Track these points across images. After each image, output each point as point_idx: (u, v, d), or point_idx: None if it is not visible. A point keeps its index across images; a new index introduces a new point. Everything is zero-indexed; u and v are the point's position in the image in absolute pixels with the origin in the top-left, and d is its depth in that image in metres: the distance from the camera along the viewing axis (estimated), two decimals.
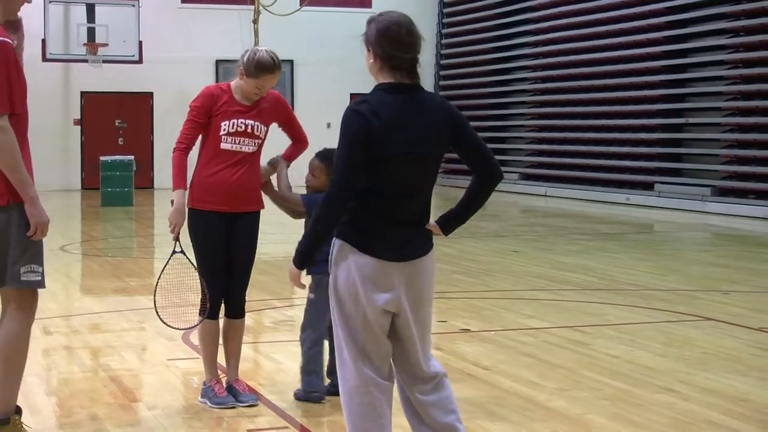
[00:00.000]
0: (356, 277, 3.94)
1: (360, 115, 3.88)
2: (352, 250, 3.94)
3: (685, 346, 7.46)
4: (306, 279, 4.75)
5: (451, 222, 4.14)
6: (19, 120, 4.76)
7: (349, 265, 3.95)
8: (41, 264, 4.86)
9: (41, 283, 4.88)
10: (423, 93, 4.01)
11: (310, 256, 4.01)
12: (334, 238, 4.02)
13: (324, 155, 5.74)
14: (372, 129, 3.86)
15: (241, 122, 5.70)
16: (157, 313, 5.66)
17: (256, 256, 5.95)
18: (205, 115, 5.69)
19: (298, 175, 5.79)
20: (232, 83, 5.78)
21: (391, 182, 3.93)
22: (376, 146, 3.86)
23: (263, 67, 5.64)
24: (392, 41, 3.92)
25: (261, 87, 5.69)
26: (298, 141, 6.10)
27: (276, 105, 5.89)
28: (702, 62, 20.63)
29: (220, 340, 5.94)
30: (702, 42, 20.63)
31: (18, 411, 4.95)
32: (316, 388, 5.83)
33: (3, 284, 4.78)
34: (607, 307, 9.14)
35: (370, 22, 4.00)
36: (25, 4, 4.91)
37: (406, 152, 3.90)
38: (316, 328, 5.84)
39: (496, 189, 4.16)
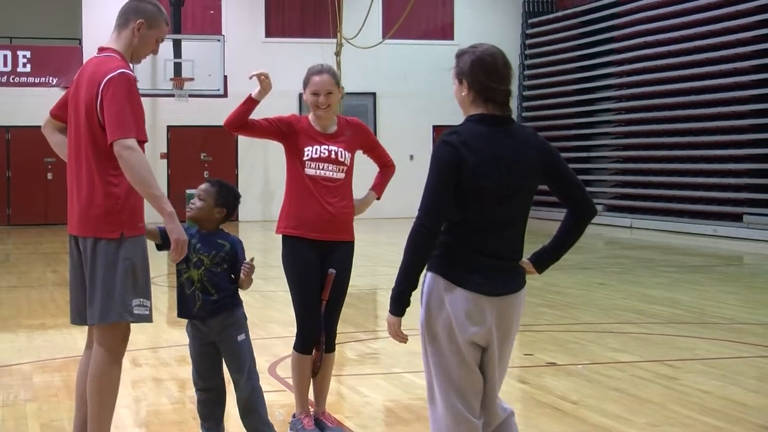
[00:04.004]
0: (451, 311, 3.87)
1: (450, 147, 3.83)
2: (446, 284, 3.88)
3: None
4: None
5: (544, 259, 4.09)
6: (141, 148, 4.88)
7: (443, 300, 3.88)
8: (149, 298, 4.94)
9: (149, 318, 4.95)
10: (515, 125, 3.97)
11: (407, 299, 3.88)
12: (426, 272, 3.96)
13: (215, 181, 5.45)
14: (462, 161, 3.81)
15: (324, 148, 5.72)
16: None
17: None
18: (285, 124, 5.76)
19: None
20: (309, 116, 5.84)
21: (484, 214, 3.88)
22: (467, 178, 3.82)
23: (311, 70, 5.76)
24: (488, 73, 3.89)
25: (315, 93, 5.71)
26: (384, 166, 6.13)
27: (357, 131, 5.92)
28: None
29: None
30: None
31: None
32: None
33: (107, 318, 4.85)
34: (697, 341, 8.97)
35: (462, 54, 3.96)
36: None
37: (498, 184, 3.85)
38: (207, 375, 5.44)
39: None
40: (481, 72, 3.90)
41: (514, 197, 3.93)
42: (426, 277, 3.95)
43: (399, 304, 3.89)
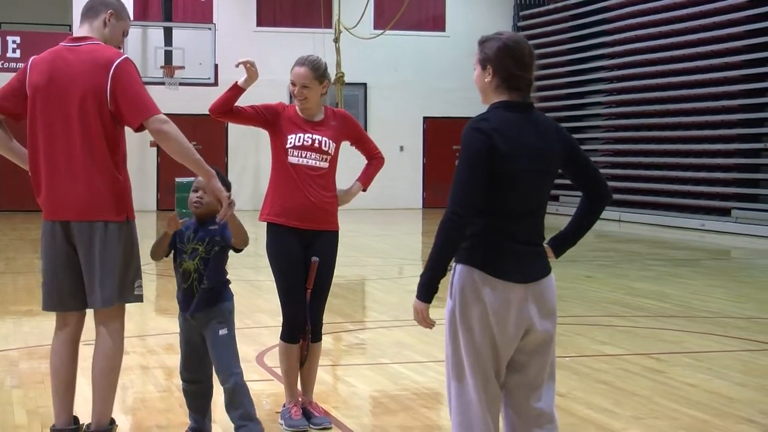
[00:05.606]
0: (488, 303, 3.83)
1: (482, 133, 3.81)
2: (480, 275, 3.83)
3: (765, 376, 7.31)
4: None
5: (563, 244, 4.12)
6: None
7: (478, 292, 3.83)
8: (142, 278, 5.14)
9: (143, 298, 5.16)
10: (536, 112, 3.97)
11: (436, 287, 3.83)
12: (455, 264, 3.89)
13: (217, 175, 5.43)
14: (495, 146, 3.79)
15: (308, 136, 5.71)
16: None
17: None
18: (270, 111, 5.76)
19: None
20: (296, 104, 5.85)
21: (514, 201, 3.86)
22: (499, 164, 3.80)
23: (297, 60, 5.79)
24: (515, 60, 3.88)
25: (294, 83, 5.73)
26: (373, 158, 6.09)
27: (344, 122, 5.90)
28: None
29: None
30: None
31: (113, 422, 5.15)
32: None
33: (117, 299, 5.00)
34: (683, 334, 9.00)
35: (486, 40, 3.95)
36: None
37: (527, 170, 3.85)
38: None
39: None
40: (509, 59, 3.88)
41: (541, 183, 3.93)
42: (456, 270, 3.89)
43: (428, 290, 3.83)
